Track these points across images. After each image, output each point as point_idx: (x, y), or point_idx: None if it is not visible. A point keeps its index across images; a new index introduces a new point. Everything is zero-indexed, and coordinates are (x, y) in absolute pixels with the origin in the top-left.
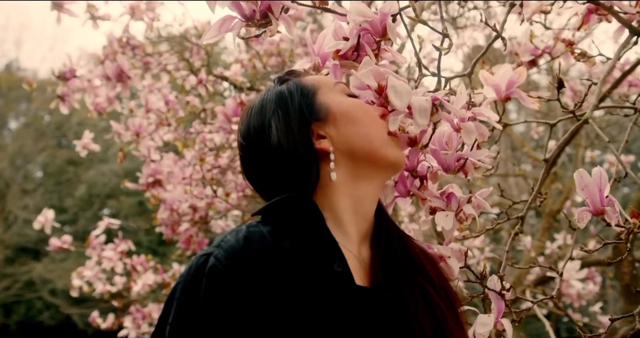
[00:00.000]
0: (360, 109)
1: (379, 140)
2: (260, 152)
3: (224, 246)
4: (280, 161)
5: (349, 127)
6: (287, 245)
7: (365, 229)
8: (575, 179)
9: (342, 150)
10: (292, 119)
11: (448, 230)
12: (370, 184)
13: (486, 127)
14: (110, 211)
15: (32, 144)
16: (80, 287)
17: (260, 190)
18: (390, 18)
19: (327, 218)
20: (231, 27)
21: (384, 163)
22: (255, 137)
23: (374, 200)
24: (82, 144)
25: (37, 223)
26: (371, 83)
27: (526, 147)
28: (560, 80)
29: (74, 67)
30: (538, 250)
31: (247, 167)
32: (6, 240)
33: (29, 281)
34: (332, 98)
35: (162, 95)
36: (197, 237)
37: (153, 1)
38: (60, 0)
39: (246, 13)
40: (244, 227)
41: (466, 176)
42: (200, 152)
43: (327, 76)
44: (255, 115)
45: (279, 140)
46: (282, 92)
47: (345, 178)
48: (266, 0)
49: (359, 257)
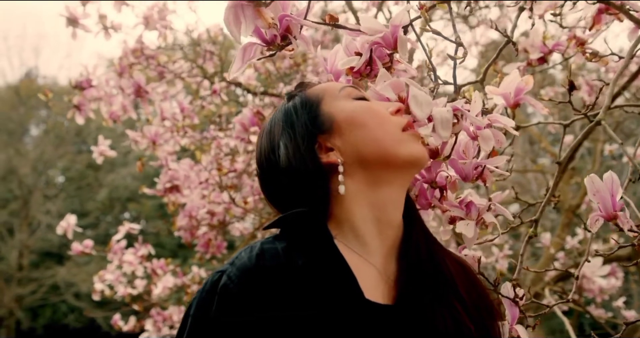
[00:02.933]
0: (366, 111)
1: (389, 139)
2: (274, 173)
3: (237, 264)
4: (291, 180)
5: (355, 133)
6: (300, 262)
7: (392, 238)
8: (586, 185)
9: (351, 159)
10: (298, 135)
11: (470, 239)
12: (391, 188)
13: (502, 134)
14: (131, 214)
15: (52, 150)
16: (102, 290)
17: (280, 210)
18: (402, 30)
19: (345, 231)
20: (253, 53)
21: (400, 162)
22: (266, 159)
23: (399, 205)
24: (99, 150)
25: (60, 229)
26: (391, 96)
27: (544, 142)
28: (572, 82)
29: (90, 77)
30: (558, 246)
31: (266, 189)
32: (31, 246)
33: (54, 285)
34: (336, 106)
35: (177, 103)
36: (215, 241)
37: (165, 10)
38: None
39: (267, 38)
40: (259, 243)
41: (485, 183)
42: (216, 156)
43: (333, 83)
44: (265, 136)
45: (288, 159)
46: (288, 110)
47: (362, 186)
48: (285, 23)
49: (383, 271)
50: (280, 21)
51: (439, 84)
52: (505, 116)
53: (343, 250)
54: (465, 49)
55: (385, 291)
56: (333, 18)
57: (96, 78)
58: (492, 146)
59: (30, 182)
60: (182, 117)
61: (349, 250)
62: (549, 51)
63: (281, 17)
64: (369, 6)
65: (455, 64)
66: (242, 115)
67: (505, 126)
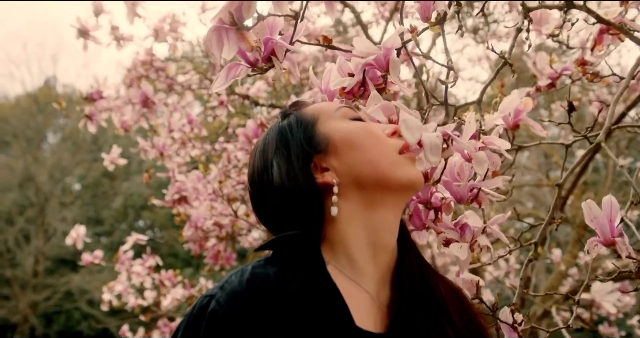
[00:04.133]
0: (362, 132)
1: (385, 162)
2: (266, 192)
3: (227, 288)
4: (284, 200)
5: (351, 154)
6: (292, 287)
7: (385, 263)
8: (584, 210)
9: (347, 180)
10: (292, 155)
11: (463, 261)
12: (386, 211)
13: (498, 156)
14: (145, 222)
15: (69, 158)
16: (111, 301)
17: (273, 230)
18: (394, 52)
19: (339, 255)
20: (238, 73)
21: (396, 185)
22: (259, 178)
23: (393, 229)
24: (110, 158)
25: (70, 239)
26: (381, 118)
27: (555, 156)
28: (571, 104)
29: (100, 88)
30: (569, 263)
31: (257, 208)
32: (46, 252)
33: (68, 292)
34: (332, 126)
35: (185, 114)
36: (225, 252)
37: (177, 22)
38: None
39: (250, 60)
40: (250, 267)
41: (480, 206)
42: (224, 168)
43: (329, 103)
44: (259, 155)
45: (281, 179)
46: (283, 128)
47: (357, 208)
48: (270, 46)
49: (376, 297)
50: (265, 44)
51: (432, 105)
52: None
53: (336, 276)
54: (456, 73)
55: (377, 318)
56: (327, 39)
57: (107, 89)
58: (486, 169)
59: (47, 189)
60: (190, 129)
61: (342, 276)
62: (557, 76)
63: (266, 40)
64: (378, 19)
65: (447, 88)
66: (246, 127)
67: (500, 148)
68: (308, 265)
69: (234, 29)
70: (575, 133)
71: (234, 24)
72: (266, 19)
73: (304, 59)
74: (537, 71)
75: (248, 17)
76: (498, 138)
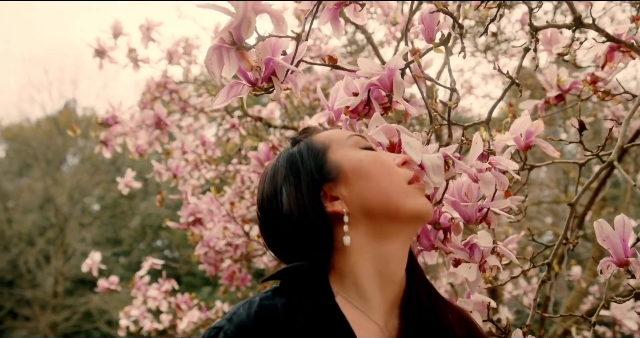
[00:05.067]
0: (373, 162)
1: (396, 193)
2: (275, 220)
3: (234, 321)
4: (293, 228)
5: (361, 184)
6: (300, 320)
7: (394, 293)
8: (596, 230)
9: (357, 210)
10: (302, 183)
11: (472, 283)
12: (395, 242)
13: (505, 177)
14: (163, 242)
15: (88, 179)
16: (128, 326)
17: (281, 257)
18: (399, 73)
19: (348, 285)
20: (239, 91)
21: (406, 216)
22: (268, 205)
23: (402, 259)
24: (125, 182)
25: (85, 266)
26: (383, 140)
27: (572, 172)
28: (581, 122)
29: (115, 113)
30: (589, 281)
31: (266, 234)
32: (65, 273)
33: (87, 312)
34: (343, 155)
35: (199, 136)
36: (240, 273)
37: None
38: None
39: (251, 79)
40: (257, 299)
41: (489, 226)
42: (237, 190)
43: (340, 131)
44: (268, 182)
45: (290, 207)
46: (293, 156)
47: (366, 238)
48: (271, 66)
49: (385, 327)
50: (266, 64)
51: (439, 125)
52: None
53: (345, 306)
54: (458, 95)
55: None
56: (332, 59)
57: (122, 113)
58: (493, 190)
59: (66, 210)
60: (204, 151)
61: (351, 306)
62: (566, 89)
63: (267, 61)
64: (389, 40)
65: (450, 109)
66: (258, 150)
67: (507, 168)
68: (316, 296)
69: (234, 48)
70: (586, 152)
71: (234, 44)
72: (269, 39)
73: (316, 79)
74: (546, 83)
75: (246, 37)
76: (505, 158)
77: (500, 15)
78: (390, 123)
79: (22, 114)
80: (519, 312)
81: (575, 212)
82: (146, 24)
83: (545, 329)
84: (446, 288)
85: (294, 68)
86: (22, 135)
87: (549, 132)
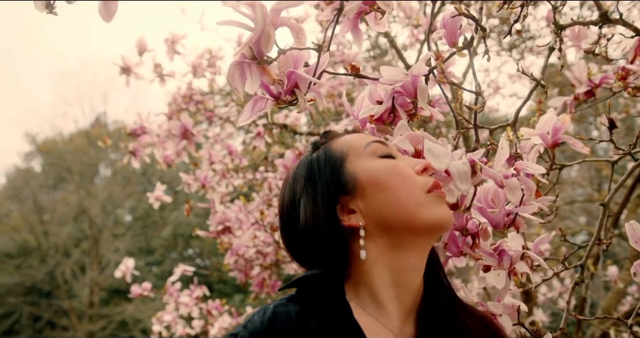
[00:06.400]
0: (389, 173)
1: (412, 203)
2: (293, 230)
3: (249, 328)
4: (309, 240)
5: (378, 196)
6: (313, 327)
7: (410, 301)
8: (627, 232)
9: (374, 223)
10: (318, 196)
11: (502, 289)
12: (413, 252)
13: (532, 181)
14: (194, 250)
15: (120, 191)
16: (160, 332)
17: (301, 263)
18: (422, 78)
19: (362, 293)
20: (263, 106)
21: (424, 227)
22: (287, 215)
23: (419, 268)
24: (155, 196)
25: (119, 272)
26: (408, 148)
27: (605, 170)
28: (611, 120)
29: (143, 124)
30: (627, 281)
31: (286, 242)
32: (100, 283)
33: (122, 321)
34: (361, 165)
35: (225, 146)
36: (270, 280)
37: (215, 57)
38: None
39: (274, 93)
40: (272, 306)
41: (518, 231)
42: (265, 197)
43: (360, 136)
44: (288, 191)
45: (306, 221)
46: (311, 165)
47: (383, 250)
48: (293, 79)
49: (400, 334)
50: (289, 77)
51: (462, 130)
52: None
53: (359, 314)
54: (484, 98)
55: None
56: (354, 68)
57: (150, 124)
58: (519, 195)
59: (100, 221)
60: (231, 160)
61: (365, 314)
62: (596, 85)
63: (289, 74)
64: (412, 43)
65: (476, 114)
66: (285, 157)
67: (534, 172)
68: (330, 303)
69: (255, 63)
70: (617, 149)
71: (255, 58)
72: (290, 52)
73: (340, 84)
74: (575, 79)
75: (267, 51)
76: (532, 163)
77: (524, 15)
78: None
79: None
80: (554, 315)
81: (609, 211)
82: (171, 37)
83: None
84: (478, 290)
85: (316, 80)
86: (56, 150)
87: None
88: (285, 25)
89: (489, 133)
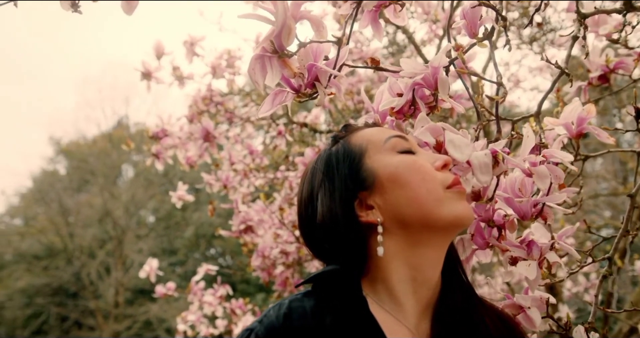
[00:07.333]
0: (408, 169)
1: (431, 200)
2: (311, 225)
3: (265, 322)
4: (326, 236)
5: (397, 192)
6: (328, 322)
7: (427, 297)
8: None
9: (392, 219)
10: (336, 191)
11: (532, 280)
12: (430, 249)
13: (560, 169)
14: (216, 250)
15: (143, 192)
16: (185, 331)
17: (319, 258)
18: (443, 70)
19: (379, 289)
20: (284, 99)
21: (442, 224)
22: (305, 210)
23: (437, 264)
24: (178, 195)
25: (143, 272)
26: (429, 140)
27: (630, 163)
28: (638, 109)
29: (165, 126)
30: None
31: (305, 237)
32: (125, 283)
33: (147, 321)
34: (380, 161)
35: (246, 146)
36: (292, 279)
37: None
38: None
39: (294, 86)
40: (287, 301)
41: (545, 222)
42: (287, 196)
43: (379, 131)
44: (306, 185)
45: (323, 216)
46: (330, 159)
47: (401, 246)
48: (314, 72)
49: (416, 331)
50: (309, 70)
51: (487, 120)
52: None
53: (375, 309)
54: (505, 89)
55: None
56: (374, 61)
57: (171, 126)
58: (548, 183)
59: (123, 223)
60: (252, 160)
61: (382, 310)
62: (610, 70)
63: (309, 67)
64: (431, 38)
65: (497, 104)
66: (305, 155)
67: (562, 160)
68: (346, 298)
69: (276, 56)
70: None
71: (275, 52)
72: (310, 45)
73: (359, 81)
74: (589, 64)
75: (287, 44)
76: (560, 150)
77: (545, 4)
78: (436, 119)
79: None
80: (580, 310)
81: (636, 203)
82: (189, 39)
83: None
84: (502, 286)
85: (336, 73)
86: (79, 153)
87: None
88: (306, 19)
89: (512, 125)
